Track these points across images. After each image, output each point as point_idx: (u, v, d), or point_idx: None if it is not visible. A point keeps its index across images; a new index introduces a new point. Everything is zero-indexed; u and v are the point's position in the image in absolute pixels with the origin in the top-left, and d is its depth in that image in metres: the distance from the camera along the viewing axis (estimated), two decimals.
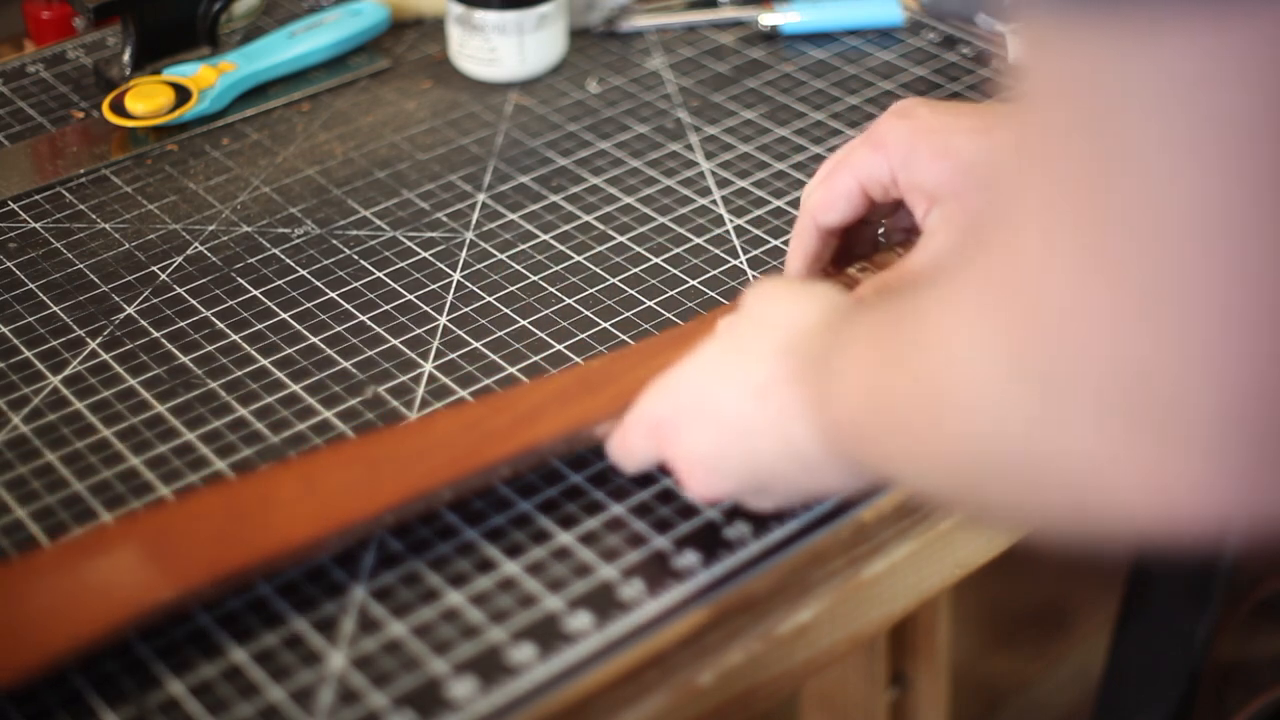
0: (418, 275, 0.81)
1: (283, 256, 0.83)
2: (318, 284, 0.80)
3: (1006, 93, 0.38)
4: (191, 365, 0.75)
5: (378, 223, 0.85)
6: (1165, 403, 0.37)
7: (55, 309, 0.79)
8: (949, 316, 0.44)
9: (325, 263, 0.82)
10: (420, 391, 0.73)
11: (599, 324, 0.77)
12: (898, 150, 0.67)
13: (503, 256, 0.82)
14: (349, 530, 0.63)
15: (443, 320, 0.78)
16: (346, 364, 0.75)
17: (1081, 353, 0.38)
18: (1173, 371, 0.36)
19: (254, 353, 0.76)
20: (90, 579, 0.61)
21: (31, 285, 0.81)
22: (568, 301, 0.79)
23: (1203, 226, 0.35)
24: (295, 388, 0.73)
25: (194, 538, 0.62)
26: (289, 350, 0.76)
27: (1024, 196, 0.40)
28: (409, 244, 0.83)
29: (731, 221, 0.84)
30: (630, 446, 0.64)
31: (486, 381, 0.74)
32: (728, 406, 0.59)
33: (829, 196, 0.70)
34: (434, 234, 0.84)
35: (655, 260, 0.81)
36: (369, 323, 0.78)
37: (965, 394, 0.43)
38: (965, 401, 0.43)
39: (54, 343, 0.77)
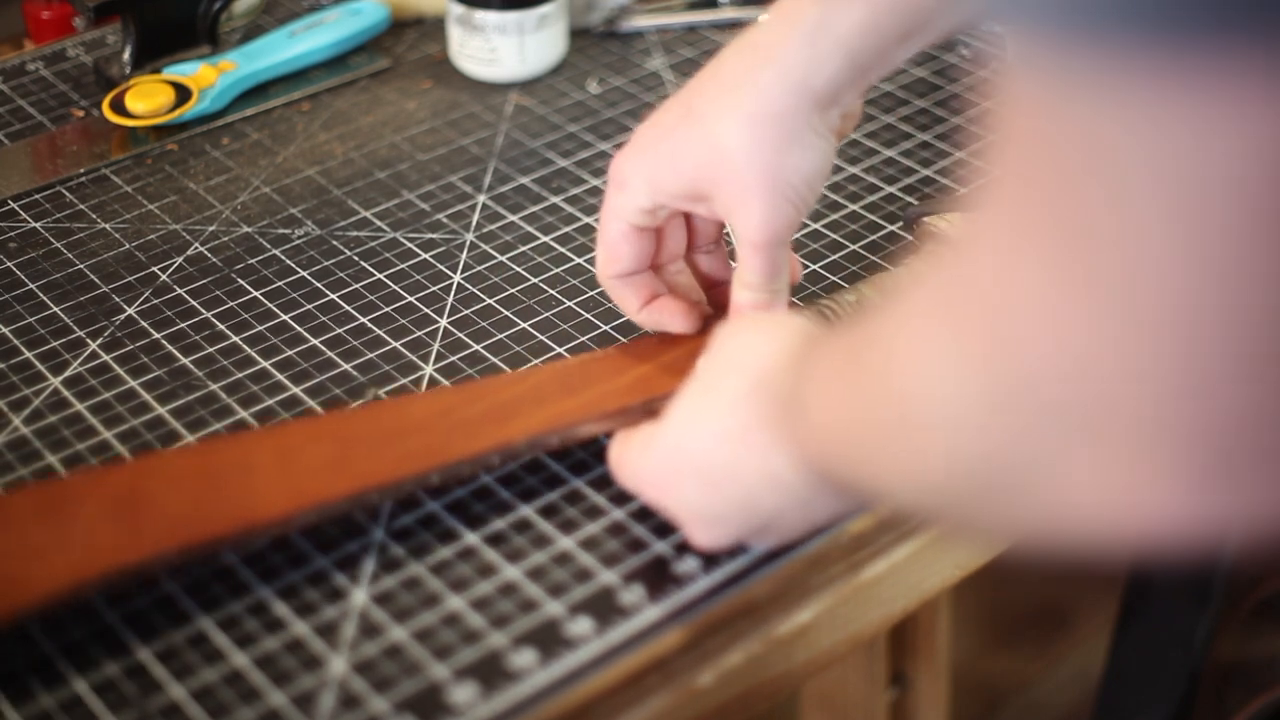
0: (418, 277, 0.81)
1: (283, 257, 0.82)
2: (318, 285, 0.80)
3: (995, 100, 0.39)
4: (192, 367, 0.75)
5: (378, 224, 0.85)
6: (1130, 419, 0.38)
7: (55, 309, 0.79)
8: (912, 335, 0.45)
9: (325, 264, 0.82)
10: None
11: (600, 326, 0.77)
12: (638, 178, 0.69)
13: (503, 258, 0.82)
14: (318, 509, 0.63)
15: (443, 322, 0.78)
16: (347, 366, 0.75)
17: (1046, 369, 0.39)
18: (1136, 388, 0.37)
19: (254, 354, 0.76)
20: (57, 532, 0.61)
21: (31, 285, 0.81)
22: (568, 304, 0.79)
23: (1172, 263, 0.35)
24: (296, 390, 0.73)
25: (167, 500, 0.63)
26: (289, 352, 0.76)
27: (991, 222, 0.40)
28: (409, 245, 0.83)
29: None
30: (625, 487, 0.66)
31: None
32: (710, 458, 0.60)
33: (608, 251, 0.71)
34: (434, 235, 0.84)
35: None
36: (369, 324, 0.78)
37: (932, 412, 0.44)
38: (933, 419, 0.44)
39: (54, 343, 0.76)
